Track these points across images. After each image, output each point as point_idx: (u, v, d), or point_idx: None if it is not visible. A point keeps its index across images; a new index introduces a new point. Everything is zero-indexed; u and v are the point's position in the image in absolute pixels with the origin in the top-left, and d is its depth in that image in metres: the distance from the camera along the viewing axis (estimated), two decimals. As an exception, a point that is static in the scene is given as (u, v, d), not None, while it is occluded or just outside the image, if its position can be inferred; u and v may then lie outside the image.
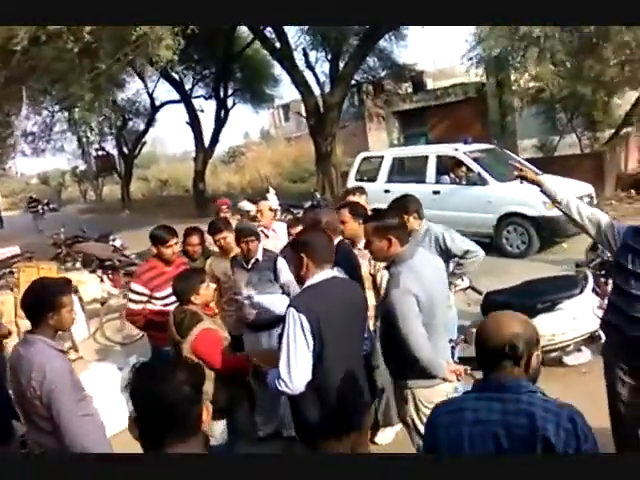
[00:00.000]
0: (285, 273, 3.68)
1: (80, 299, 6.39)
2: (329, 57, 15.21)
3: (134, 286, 3.74)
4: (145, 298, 3.70)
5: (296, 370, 2.21)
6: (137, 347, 5.90)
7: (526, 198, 7.66)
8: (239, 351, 3.30)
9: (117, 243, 8.50)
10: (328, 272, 2.40)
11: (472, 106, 16.40)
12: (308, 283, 2.37)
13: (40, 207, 18.96)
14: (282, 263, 3.67)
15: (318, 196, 11.82)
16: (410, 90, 19.14)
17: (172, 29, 7.89)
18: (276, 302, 3.31)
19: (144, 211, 21.09)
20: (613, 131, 13.05)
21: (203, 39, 8.64)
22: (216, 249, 4.20)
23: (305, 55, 14.69)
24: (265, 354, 3.02)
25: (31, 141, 20.89)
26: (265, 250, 3.88)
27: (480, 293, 4.36)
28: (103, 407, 4.46)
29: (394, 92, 19.30)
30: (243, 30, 18.02)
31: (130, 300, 3.76)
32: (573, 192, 7.82)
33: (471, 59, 11.48)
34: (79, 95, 7.81)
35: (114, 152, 25.85)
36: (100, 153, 25.46)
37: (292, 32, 15.18)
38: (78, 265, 8.44)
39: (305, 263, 2.34)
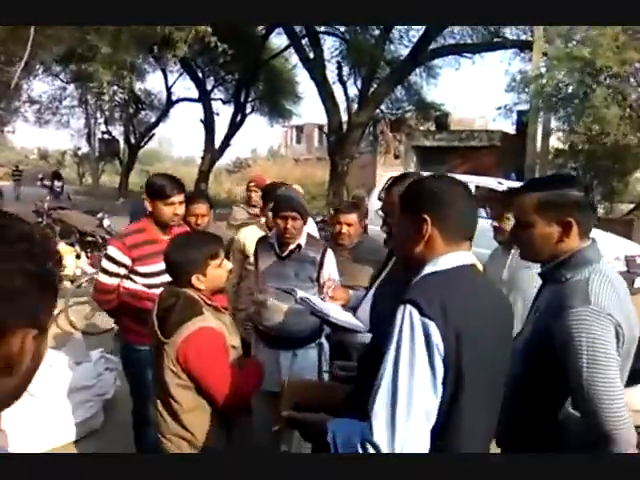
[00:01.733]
0: (332, 273, 2.74)
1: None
2: (362, 75, 14.72)
3: (111, 250, 2.68)
4: (123, 270, 2.66)
5: (407, 428, 1.16)
6: (104, 340, 4.99)
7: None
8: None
9: (105, 222, 7.56)
10: (467, 255, 1.34)
11: (494, 154, 16.18)
12: (432, 268, 1.30)
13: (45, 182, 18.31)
14: (331, 260, 2.77)
15: (331, 211, 11.04)
16: (433, 128, 18.82)
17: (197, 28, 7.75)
18: (345, 316, 2.05)
19: (139, 204, 20.21)
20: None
21: (233, 42, 8.25)
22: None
23: (339, 68, 14.19)
24: (310, 386, 1.87)
25: (37, 110, 20.37)
26: (310, 237, 2.81)
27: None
28: (46, 409, 3.59)
29: (416, 128, 19.03)
30: (275, 39, 17.79)
31: (102, 270, 2.70)
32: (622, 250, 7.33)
33: (500, 107, 11.21)
34: (97, 48, 7.18)
35: (120, 139, 25.23)
36: (105, 137, 24.79)
37: (329, 43, 14.80)
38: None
39: (428, 232, 1.30)
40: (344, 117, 14.14)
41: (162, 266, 2.60)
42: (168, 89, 22.21)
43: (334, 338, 2.72)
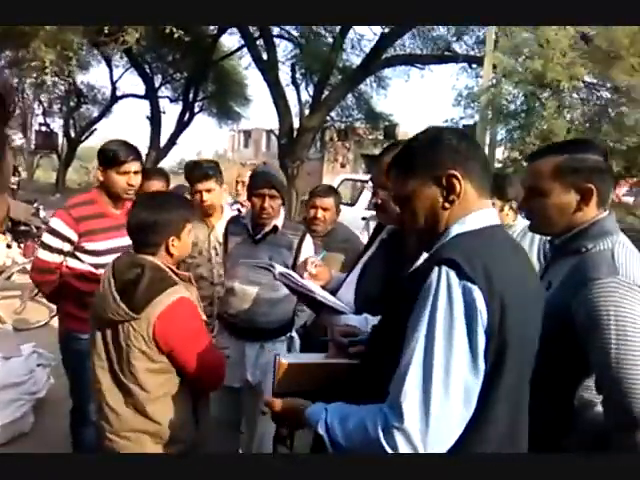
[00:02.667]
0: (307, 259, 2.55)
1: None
2: (314, 81, 14.72)
3: (55, 222, 2.38)
4: (68, 246, 2.37)
5: (447, 414, 0.99)
6: (37, 334, 4.59)
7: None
8: None
9: (42, 213, 7.02)
10: (493, 212, 1.20)
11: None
12: (460, 228, 1.14)
13: None
14: (309, 246, 2.56)
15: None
16: (381, 137, 19.09)
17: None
18: (329, 296, 1.79)
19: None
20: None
21: (183, 40, 7.93)
22: None
23: (292, 71, 14.12)
24: (306, 367, 1.45)
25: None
26: (287, 219, 2.61)
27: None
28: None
29: (365, 137, 19.23)
30: (226, 39, 17.57)
31: (43, 245, 2.41)
32: None
33: (447, 120, 11.46)
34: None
35: (59, 133, 24.07)
36: (43, 129, 23.55)
37: (283, 45, 14.74)
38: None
39: (459, 182, 1.14)
40: (295, 121, 14.06)
41: (111, 244, 2.38)
42: (113, 83, 21.41)
43: (316, 320, 2.54)
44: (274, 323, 2.51)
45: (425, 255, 1.24)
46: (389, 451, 0.99)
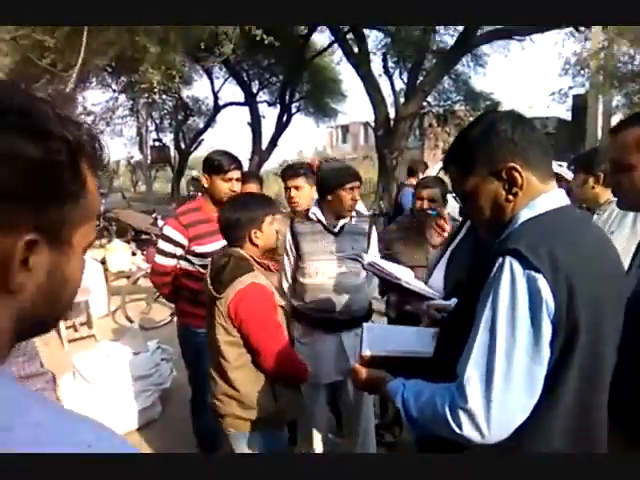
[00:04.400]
0: (373, 246, 2.65)
1: (105, 270, 5.55)
2: (408, 68, 14.43)
3: (167, 230, 2.64)
4: (180, 250, 2.61)
5: (508, 400, 1.00)
6: (160, 332, 5.01)
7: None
8: None
9: (159, 222, 7.64)
10: (560, 193, 1.16)
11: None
12: (529, 213, 1.11)
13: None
14: (375, 232, 2.67)
15: (382, 205, 10.83)
16: (484, 118, 18.27)
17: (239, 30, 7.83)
18: (416, 281, 1.84)
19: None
20: None
21: (274, 45, 8.20)
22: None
23: (384, 61, 13.95)
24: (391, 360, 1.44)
25: (92, 120, 21.16)
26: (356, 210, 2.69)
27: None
28: (105, 397, 3.59)
29: (466, 119, 18.49)
30: (317, 38, 17.76)
31: (158, 251, 2.66)
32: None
33: (554, 93, 10.64)
34: (146, 49, 7.32)
35: (171, 146, 25.85)
36: (157, 144, 25.43)
37: (372, 37, 14.62)
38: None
39: (520, 173, 1.11)
40: (391, 111, 13.85)
41: (217, 245, 2.54)
42: (215, 94, 22.52)
43: (402, 307, 2.55)
44: (360, 311, 2.56)
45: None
46: (455, 429, 1.04)
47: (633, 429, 1.28)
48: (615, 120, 10.62)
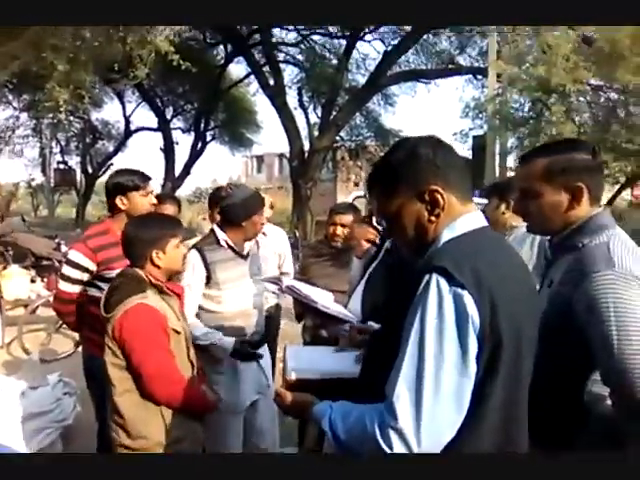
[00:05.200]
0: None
1: (0, 298, 5.15)
2: (322, 103, 14.94)
3: (73, 255, 2.48)
4: (87, 276, 2.46)
5: (435, 412, 1.02)
6: (64, 364, 4.69)
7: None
8: None
9: (63, 248, 7.18)
10: (479, 215, 1.22)
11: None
12: (450, 234, 1.16)
13: None
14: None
15: (297, 234, 10.96)
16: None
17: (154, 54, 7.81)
18: (335, 305, 1.88)
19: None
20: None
21: (191, 71, 8.19)
22: None
23: (299, 94, 14.36)
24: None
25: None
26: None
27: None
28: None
29: (376, 154, 19.28)
30: (234, 69, 17.97)
31: (63, 277, 2.50)
32: None
33: (456, 133, 11.52)
34: (53, 66, 6.99)
35: (77, 169, 24.61)
36: (61, 167, 24.07)
37: (288, 71, 15.01)
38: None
39: (442, 195, 1.15)
40: (306, 143, 14.24)
41: (129, 270, 2.46)
42: (126, 118, 21.94)
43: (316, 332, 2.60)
44: (263, 326, 2.65)
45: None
46: (385, 449, 1.02)
47: (543, 442, 1.36)
48: (511, 160, 11.68)
